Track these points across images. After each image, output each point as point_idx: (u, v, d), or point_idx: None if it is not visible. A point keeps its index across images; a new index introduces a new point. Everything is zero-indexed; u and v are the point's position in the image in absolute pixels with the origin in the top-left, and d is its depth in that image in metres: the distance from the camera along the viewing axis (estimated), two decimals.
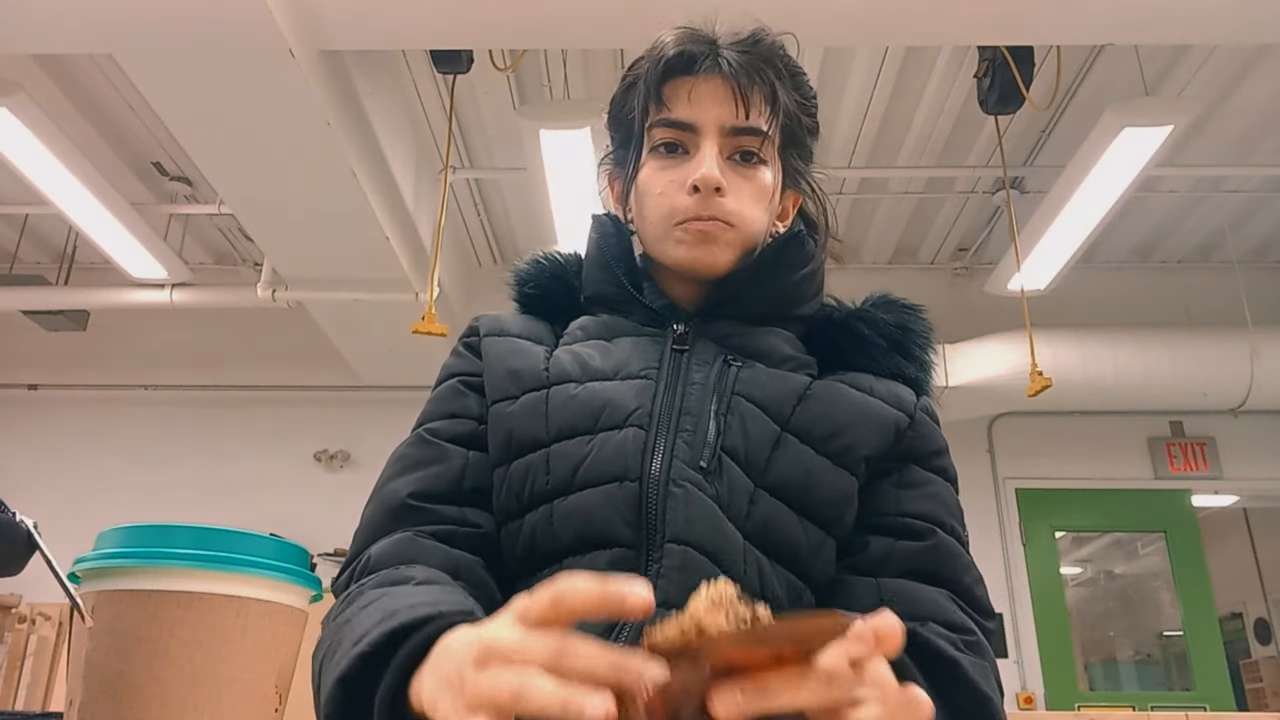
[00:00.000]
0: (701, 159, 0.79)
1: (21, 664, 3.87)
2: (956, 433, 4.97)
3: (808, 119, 0.87)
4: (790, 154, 0.86)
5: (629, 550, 0.67)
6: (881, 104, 3.89)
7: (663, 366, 0.77)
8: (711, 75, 0.80)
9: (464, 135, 4.12)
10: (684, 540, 0.66)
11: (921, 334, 0.85)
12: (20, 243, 4.89)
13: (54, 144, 3.25)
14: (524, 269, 0.91)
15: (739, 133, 0.80)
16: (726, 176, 0.79)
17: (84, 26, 2.50)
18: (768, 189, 0.82)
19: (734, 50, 0.80)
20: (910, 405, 0.80)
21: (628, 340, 0.80)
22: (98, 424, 4.94)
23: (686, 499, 0.68)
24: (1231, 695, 4.51)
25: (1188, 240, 4.88)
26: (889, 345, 0.83)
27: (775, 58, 0.83)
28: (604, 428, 0.72)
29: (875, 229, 4.83)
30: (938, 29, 2.73)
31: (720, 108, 0.80)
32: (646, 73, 0.82)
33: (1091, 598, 6.23)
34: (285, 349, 4.88)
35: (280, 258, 3.80)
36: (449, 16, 2.59)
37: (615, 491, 0.69)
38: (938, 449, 0.81)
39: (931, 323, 0.86)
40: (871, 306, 0.85)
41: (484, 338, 0.85)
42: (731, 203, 0.79)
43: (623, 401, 0.73)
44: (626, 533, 0.67)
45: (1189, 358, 4.19)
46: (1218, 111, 3.85)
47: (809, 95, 0.87)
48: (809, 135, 0.88)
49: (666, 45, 0.81)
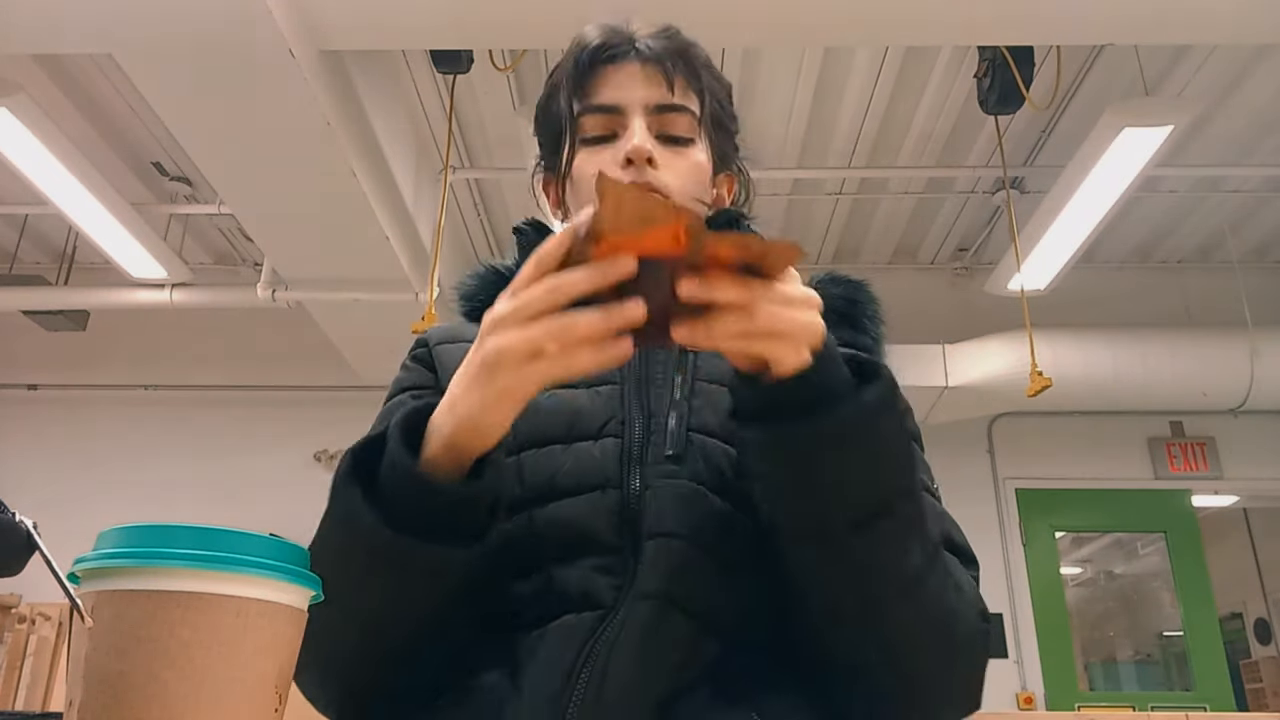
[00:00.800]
0: (630, 134, 0.79)
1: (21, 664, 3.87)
2: (956, 433, 5.02)
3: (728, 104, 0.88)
4: (718, 138, 0.86)
5: (613, 553, 0.67)
6: (881, 104, 3.89)
7: (625, 366, 0.76)
8: (633, 61, 0.81)
9: (464, 135, 4.13)
10: (660, 533, 0.67)
11: (868, 305, 0.85)
12: (20, 243, 4.89)
13: (54, 144, 3.25)
14: (468, 283, 0.91)
15: (665, 110, 0.80)
16: (659, 150, 0.79)
17: (84, 26, 2.50)
18: (702, 167, 0.82)
19: (651, 39, 0.81)
20: None
21: None
22: (98, 424, 4.94)
23: (663, 494, 0.69)
24: (1231, 695, 4.51)
25: (1188, 240, 4.88)
26: (838, 317, 0.83)
27: (691, 46, 0.83)
28: (578, 437, 0.72)
29: (875, 229, 4.83)
30: (938, 29, 2.73)
31: (645, 89, 0.80)
32: (569, 68, 0.83)
33: (1091, 598, 6.23)
34: (285, 349, 4.88)
35: (280, 258, 3.80)
36: (449, 16, 2.59)
37: (597, 500, 0.69)
38: None
39: (877, 295, 0.86)
40: (818, 284, 0.85)
41: (435, 346, 0.85)
42: (666, 175, 0.78)
43: (594, 410, 0.74)
44: (611, 537, 0.68)
45: (1189, 358, 4.19)
46: (1218, 111, 3.85)
47: (726, 85, 0.89)
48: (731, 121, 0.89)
49: (587, 39, 0.83)
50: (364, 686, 0.68)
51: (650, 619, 0.63)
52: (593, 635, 0.63)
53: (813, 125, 4.03)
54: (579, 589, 0.66)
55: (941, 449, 5.38)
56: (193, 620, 0.40)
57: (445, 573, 0.62)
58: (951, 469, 4.61)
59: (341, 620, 0.61)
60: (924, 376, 4.19)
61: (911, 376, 4.12)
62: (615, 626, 0.63)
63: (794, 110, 3.92)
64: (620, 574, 0.66)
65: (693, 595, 0.65)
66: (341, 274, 3.78)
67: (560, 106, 0.84)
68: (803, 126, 4.02)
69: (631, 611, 0.63)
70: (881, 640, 0.63)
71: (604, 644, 0.62)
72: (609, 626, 0.63)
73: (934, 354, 4.25)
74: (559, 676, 0.62)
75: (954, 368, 4.23)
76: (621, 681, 0.60)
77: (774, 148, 4.14)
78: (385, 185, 3.44)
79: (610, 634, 0.63)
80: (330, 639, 0.60)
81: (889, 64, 3.65)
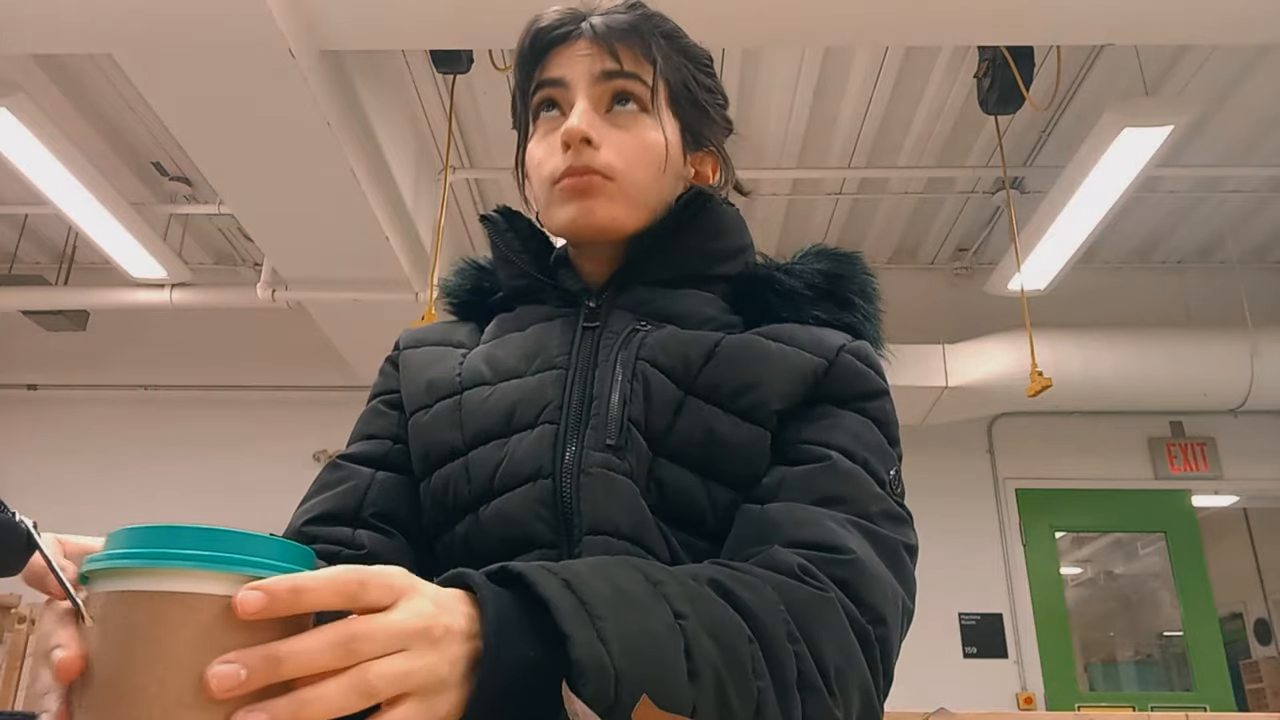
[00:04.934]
0: (571, 116, 0.76)
1: (21, 664, 3.87)
2: (956, 433, 5.01)
3: (704, 78, 0.84)
4: (688, 113, 0.82)
5: (550, 549, 0.65)
6: (881, 104, 3.89)
7: (574, 350, 0.75)
8: (582, 38, 0.78)
9: (464, 135, 4.13)
10: (601, 530, 0.65)
11: (856, 279, 0.81)
12: (20, 243, 4.89)
13: (54, 144, 3.25)
14: (450, 280, 0.91)
15: (610, 76, 0.77)
16: (602, 130, 0.76)
17: (84, 26, 2.50)
18: (653, 143, 0.78)
19: (603, 16, 0.79)
20: (831, 349, 0.74)
21: (539, 327, 0.79)
22: (98, 424, 4.94)
23: (597, 485, 0.66)
24: (1231, 695, 4.51)
25: (1188, 240, 4.88)
26: (817, 294, 0.79)
27: (650, 17, 0.80)
28: (517, 428, 0.71)
29: (875, 229, 4.82)
30: (938, 29, 2.73)
31: (590, 61, 0.77)
32: (520, 49, 0.81)
33: (1091, 598, 6.23)
34: (285, 349, 4.88)
35: (280, 258, 3.80)
36: (449, 16, 2.59)
37: (530, 491, 0.67)
38: (861, 392, 0.73)
39: (871, 271, 0.82)
40: (801, 258, 0.82)
41: (403, 350, 0.84)
42: (607, 154, 0.76)
43: (534, 398, 0.72)
44: (545, 532, 0.66)
45: (1189, 358, 4.19)
46: (1218, 111, 3.85)
47: (698, 57, 0.84)
48: (708, 95, 0.84)
49: (540, 18, 0.80)
50: None
51: None
52: None
53: (813, 125, 4.03)
54: None
55: (941, 449, 5.39)
56: (195, 620, 0.40)
57: None
58: (951, 469, 4.61)
59: None
60: (924, 376, 4.18)
61: (911, 376, 4.12)
62: None
63: (794, 110, 3.92)
64: None
65: None
66: (341, 274, 3.78)
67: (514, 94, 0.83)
68: (803, 126, 4.02)
69: None
70: None
71: None
72: None
73: (934, 354, 4.25)
74: None
75: (954, 368, 4.23)
76: None
77: (774, 148, 4.14)
78: (385, 185, 3.44)
79: None
80: None
81: (889, 64, 3.65)
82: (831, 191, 4.52)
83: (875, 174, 4.35)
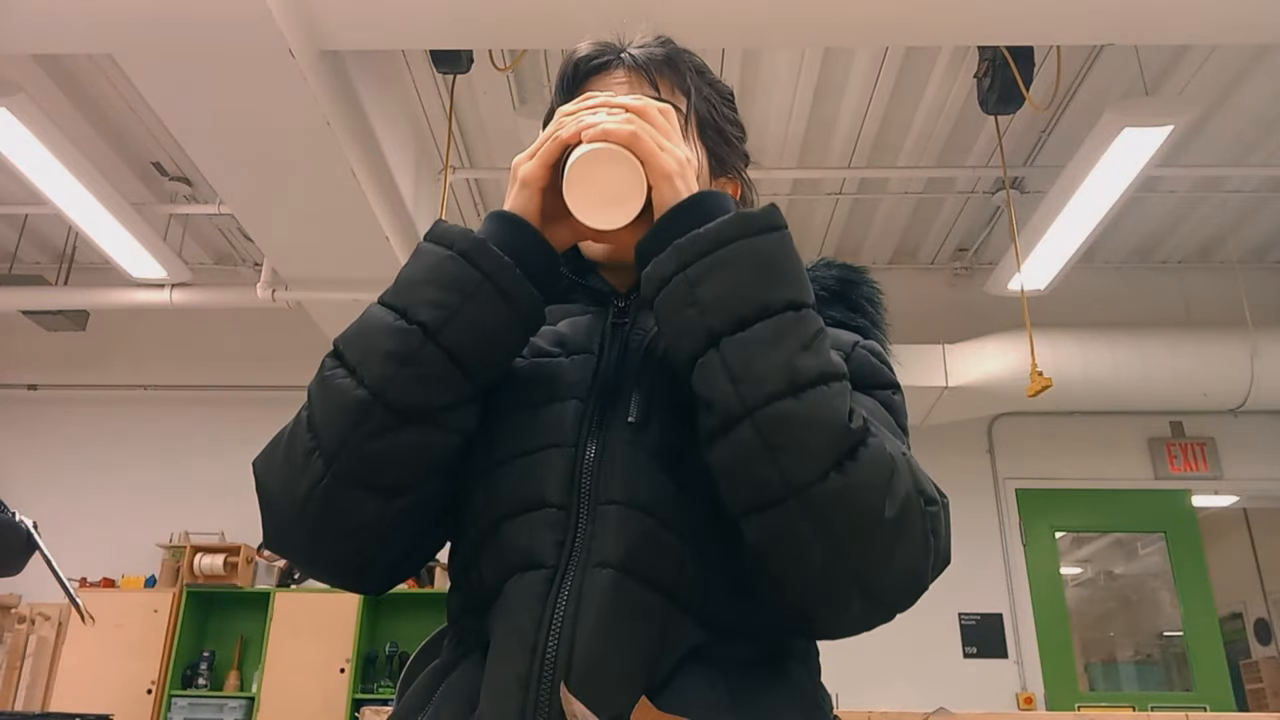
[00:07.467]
0: None
1: (21, 664, 3.88)
2: (956, 433, 5.01)
3: (728, 111, 0.89)
4: (714, 141, 0.87)
5: (559, 510, 0.68)
6: (881, 104, 3.89)
7: (604, 339, 0.79)
8: (620, 68, 0.84)
9: (464, 135, 4.13)
10: (616, 500, 0.68)
11: (865, 286, 0.86)
12: (20, 243, 4.89)
13: (54, 144, 3.25)
14: None
15: None
16: None
17: (84, 26, 2.50)
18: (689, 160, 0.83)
19: (638, 47, 0.85)
20: (847, 344, 0.77)
21: (570, 321, 0.83)
22: (98, 424, 4.94)
23: (617, 460, 0.70)
24: (1231, 695, 4.52)
25: (1188, 240, 4.89)
26: (830, 295, 0.84)
27: (682, 53, 0.86)
28: (548, 400, 0.75)
29: (875, 229, 4.83)
30: (938, 29, 2.73)
31: (627, 89, 0.82)
32: (560, 77, 0.86)
33: (1091, 598, 6.23)
34: (285, 349, 4.87)
35: (280, 258, 3.80)
36: (449, 16, 2.59)
37: (548, 456, 0.71)
38: (876, 383, 0.76)
39: (877, 283, 0.87)
40: (813, 267, 0.87)
41: None
42: None
43: (564, 375, 0.76)
44: (557, 495, 0.69)
45: (1189, 358, 4.19)
46: (1218, 111, 3.85)
47: (723, 91, 0.90)
48: (732, 127, 0.90)
49: (577, 51, 0.86)
50: (346, 470, 0.66)
51: (609, 589, 0.64)
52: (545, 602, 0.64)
53: (813, 125, 4.03)
54: (522, 544, 0.67)
55: (941, 449, 5.40)
56: None
57: (507, 325, 0.70)
58: (951, 469, 4.61)
59: (361, 357, 0.71)
60: (924, 377, 4.19)
61: (911, 377, 4.12)
62: (571, 597, 0.64)
63: (794, 110, 3.92)
64: (562, 532, 0.67)
65: (653, 566, 0.65)
66: (341, 274, 3.78)
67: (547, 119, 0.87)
68: (803, 126, 4.03)
69: (590, 580, 0.64)
70: (801, 484, 0.60)
71: (566, 616, 0.63)
72: (563, 594, 0.64)
73: (934, 354, 4.25)
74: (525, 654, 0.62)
75: (954, 368, 4.23)
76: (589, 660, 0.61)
77: (774, 148, 4.14)
78: (385, 185, 3.44)
79: (568, 604, 0.63)
80: (341, 391, 0.68)
81: (889, 64, 3.65)
82: (831, 192, 4.52)
83: (875, 174, 4.35)
